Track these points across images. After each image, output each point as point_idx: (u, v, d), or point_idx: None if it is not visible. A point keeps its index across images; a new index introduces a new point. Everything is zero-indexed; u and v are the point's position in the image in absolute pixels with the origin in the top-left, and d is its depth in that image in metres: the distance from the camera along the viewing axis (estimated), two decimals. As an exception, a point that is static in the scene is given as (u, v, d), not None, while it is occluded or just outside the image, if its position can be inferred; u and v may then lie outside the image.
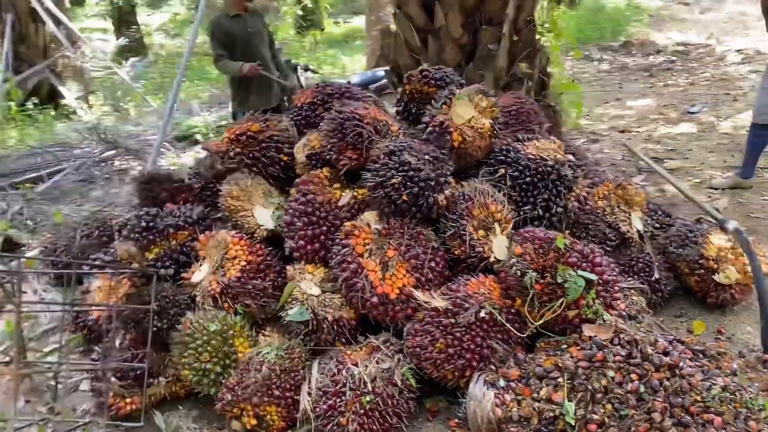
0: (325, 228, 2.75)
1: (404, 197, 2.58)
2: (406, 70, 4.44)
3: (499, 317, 2.38)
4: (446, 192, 2.65)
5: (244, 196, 2.94)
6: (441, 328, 2.40)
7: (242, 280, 2.75)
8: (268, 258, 2.87)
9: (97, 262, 3.10)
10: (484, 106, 2.86)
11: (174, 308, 2.72)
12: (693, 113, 7.39)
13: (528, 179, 2.80)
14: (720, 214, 3.30)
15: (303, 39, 16.08)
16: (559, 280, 2.30)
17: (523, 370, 2.27)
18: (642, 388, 2.11)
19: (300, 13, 16.92)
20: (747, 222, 3.96)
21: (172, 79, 10.66)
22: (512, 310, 2.45)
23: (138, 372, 2.65)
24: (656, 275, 2.98)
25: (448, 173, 2.67)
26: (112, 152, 6.57)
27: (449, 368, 2.38)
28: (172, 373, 2.72)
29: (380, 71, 7.33)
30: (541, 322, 2.32)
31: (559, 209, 2.84)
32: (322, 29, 18.19)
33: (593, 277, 2.31)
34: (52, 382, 2.73)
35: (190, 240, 3.02)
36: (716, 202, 4.35)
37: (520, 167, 2.82)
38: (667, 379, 2.14)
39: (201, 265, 2.86)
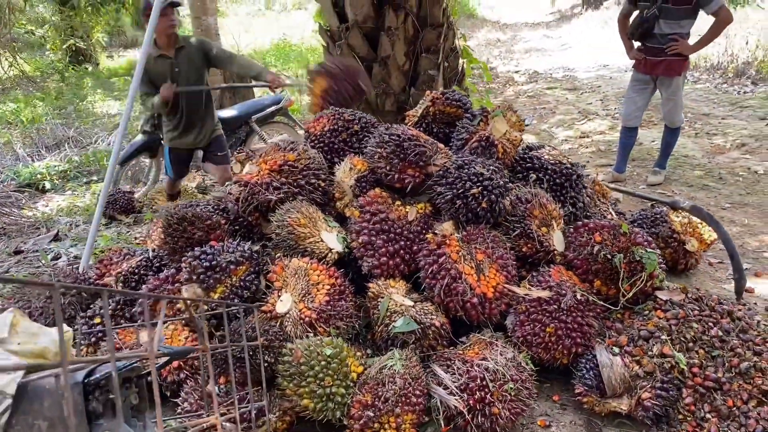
0: (402, 243, 2.92)
1: (483, 204, 2.86)
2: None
3: (591, 297, 2.77)
4: (510, 197, 2.98)
5: (309, 223, 2.98)
6: (547, 314, 2.72)
7: (331, 303, 2.80)
8: (342, 279, 2.94)
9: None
10: (514, 120, 3.25)
11: (278, 341, 2.68)
12: (527, 125, 8.53)
13: (558, 180, 3.24)
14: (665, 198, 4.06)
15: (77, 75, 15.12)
16: (637, 258, 2.76)
17: (628, 336, 2.69)
18: (720, 332, 2.64)
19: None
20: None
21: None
22: (593, 291, 2.85)
23: (255, 412, 2.56)
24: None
25: (508, 180, 3.01)
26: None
27: (559, 349, 2.70)
28: (281, 406, 2.67)
29: (265, 100, 7.33)
30: (630, 294, 2.76)
31: (581, 204, 3.32)
32: (97, 64, 17.27)
33: (656, 252, 2.81)
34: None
35: (249, 274, 2.96)
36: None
37: (549, 171, 3.25)
38: (731, 322, 2.71)
39: (280, 296, 2.84)
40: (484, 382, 2.53)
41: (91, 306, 3.57)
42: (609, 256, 2.75)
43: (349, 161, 3.20)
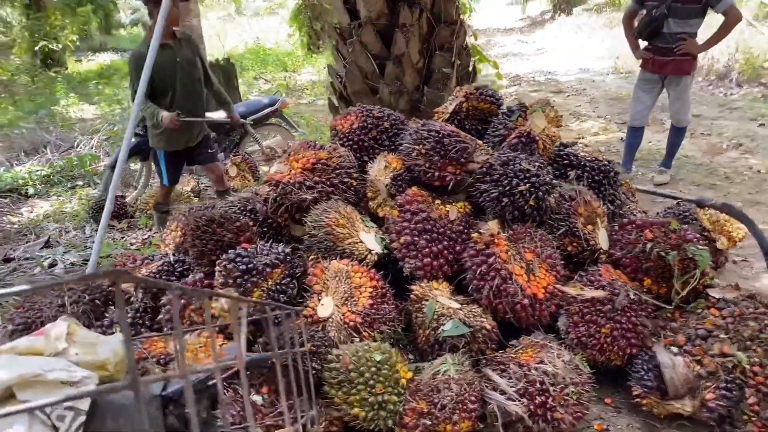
0: (446, 243, 2.81)
1: (531, 202, 2.77)
2: (358, 97, 4.62)
3: (643, 296, 2.69)
4: (555, 194, 2.89)
5: (347, 223, 2.85)
6: (602, 315, 2.63)
7: (374, 306, 2.68)
8: (383, 282, 2.82)
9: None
10: (552, 116, 3.16)
11: (324, 346, 2.54)
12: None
13: (596, 177, 3.16)
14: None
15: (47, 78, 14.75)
16: (689, 255, 2.69)
17: (686, 335, 2.61)
18: (777, 330, 2.58)
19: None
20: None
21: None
22: (643, 290, 2.78)
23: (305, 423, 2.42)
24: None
25: (552, 176, 2.92)
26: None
27: (614, 351, 2.61)
28: (328, 416, 2.53)
29: (264, 100, 7.16)
30: (685, 293, 2.68)
31: (618, 201, 3.25)
32: (66, 68, 16.92)
33: (707, 249, 2.75)
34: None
35: (284, 277, 2.82)
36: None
37: (587, 168, 3.17)
38: (786, 320, 2.65)
39: (320, 300, 2.70)
40: (544, 386, 2.42)
41: (106, 314, 3.38)
42: (663, 254, 2.68)
43: (383, 159, 3.08)
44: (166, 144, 4.79)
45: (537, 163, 2.84)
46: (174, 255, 3.27)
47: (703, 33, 5.19)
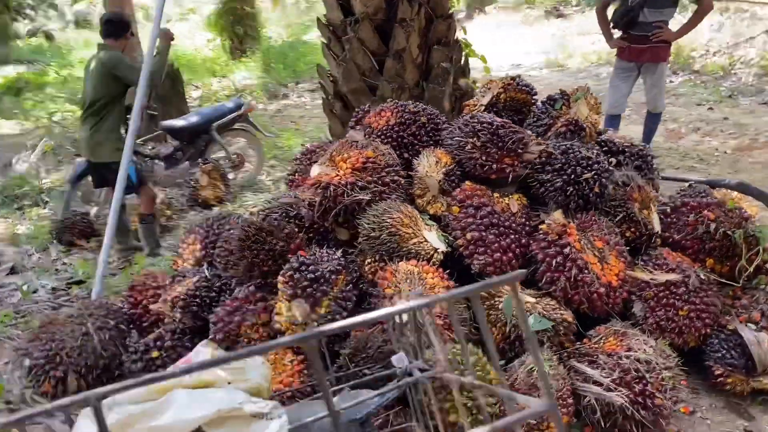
0: (513, 236, 2.73)
1: (596, 189, 2.74)
2: (355, 95, 4.49)
3: (711, 276, 2.72)
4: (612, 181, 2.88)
5: (411, 222, 2.72)
6: (677, 297, 2.63)
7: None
8: (451, 281, 2.71)
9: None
10: (592, 103, 3.15)
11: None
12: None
13: (636, 163, 3.17)
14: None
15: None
16: (751, 233, 2.74)
17: (759, 311, 2.65)
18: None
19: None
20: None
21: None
22: (706, 270, 2.80)
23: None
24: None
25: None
26: None
27: (691, 332, 2.62)
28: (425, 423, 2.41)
29: (228, 104, 6.87)
30: (751, 269, 2.72)
31: (656, 185, 3.28)
32: None
33: (766, 227, 2.81)
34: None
35: (347, 284, 2.67)
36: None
37: (627, 153, 3.18)
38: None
39: (394, 303, 2.57)
40: (640, 374, 2.39)
41: (128, 339, 3.12)
42: (729, 233, 2.71)
43: (432, 154, 2.97)
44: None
45: (594, 151, 2.82)
46: (208, 270, 3.04)
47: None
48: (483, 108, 3.27)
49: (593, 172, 2.71)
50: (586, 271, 2.59)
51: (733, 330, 2.62)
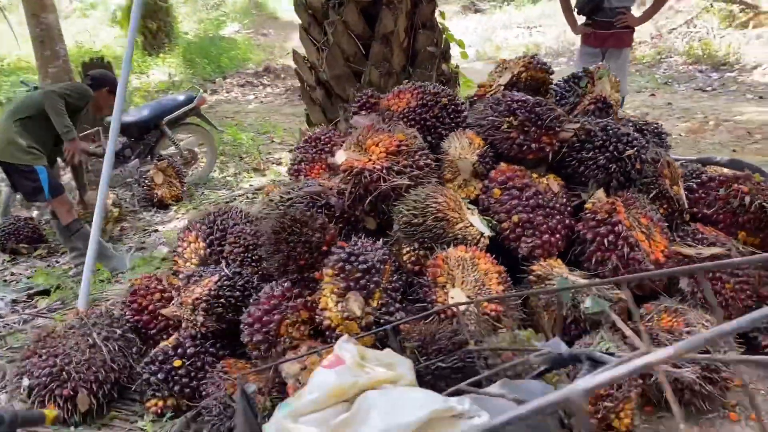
0: (558, 217, 2.66)
1: (637, 166, 2.70)
2: (339, 81, 4.31)
3: (748, 248, 2.74)
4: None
5: (456, 207, 2.59)
6: (723, 271, 2.63)
7: (506, 292, 2.47)
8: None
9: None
10: (614, 81, 3.12)
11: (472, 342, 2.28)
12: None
13: (654, 140, 3.17)
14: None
15: None
16: (781, 204, 2.78)
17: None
18: None
19: None
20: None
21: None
22: (740, 243, 2.83)
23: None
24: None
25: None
26: None
27: (737, 304, 2.63)
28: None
29: (179, 97, 6.46)
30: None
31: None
32: None
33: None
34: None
35: (393, 274, 2.50)
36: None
37: (645, 131, 3.17)
38: None
39: (447, 291, 2.43)
40: (705, 349, 2.37)
41: (136, 348, 2.83)
42: (765, 204, 2.74)
43: (463, 136, 2.85)
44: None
45: (630, 127, 2.78)
46: (228, 267, 2.79)
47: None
48: (502, 88, 3.18)
49: (635, 149, 2.67)
50: (637, 249, 2.54)
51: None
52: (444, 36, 4.76)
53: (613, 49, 5.52)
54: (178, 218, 5.62)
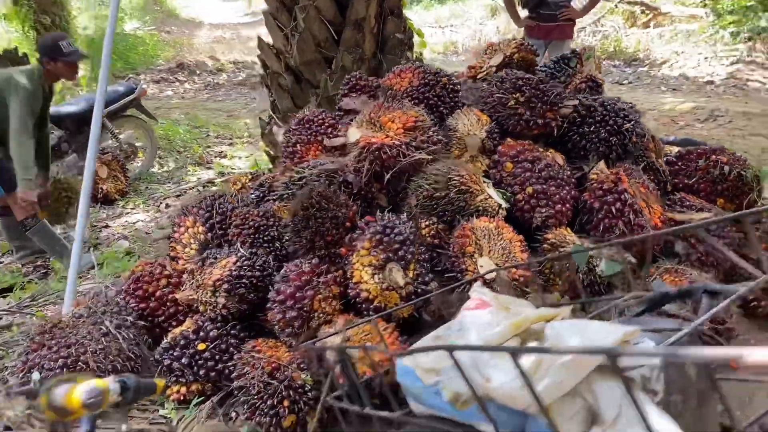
0: (567, 188, 2.80)
1: (634, 139, 2.89)
2: (310, 67, 4.32)
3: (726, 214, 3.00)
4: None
5: (476, 179, 2.67)
6: (713, 234, 2.87)
7: (529, 259, 2.58)
8: (517, 235, 2.72)
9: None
10: (597, 63, 3.30)
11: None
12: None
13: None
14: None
15: None
16: (755, 173, 3.07)
17: (774, 241, 2.97)
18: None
19: None
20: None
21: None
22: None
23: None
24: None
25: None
26: None
27: (725, 264, 2.88)
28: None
29: (119, 88, 6.15)
30: (760, 203, 3.04)
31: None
32: None
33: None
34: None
35: (420, 246, 2.55)
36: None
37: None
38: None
39: (476, 261, 2.51)
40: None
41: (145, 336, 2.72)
42: (742, 173, 3.00)
43: (471, 113, 2.94)
44: None
45: (624, 103, 2.97)
46: (242, 248, 2.73)
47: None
48: (494, 69, 3.29)
49: (632, 122, 2.85)
50: (640, 216, 2.72)
51: (756, 259, 2.90)
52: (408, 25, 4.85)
53: (556, 41, 5.81)
54: (127, 213, 5.39)
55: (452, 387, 1.23)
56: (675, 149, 3.43)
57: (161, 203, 5.52)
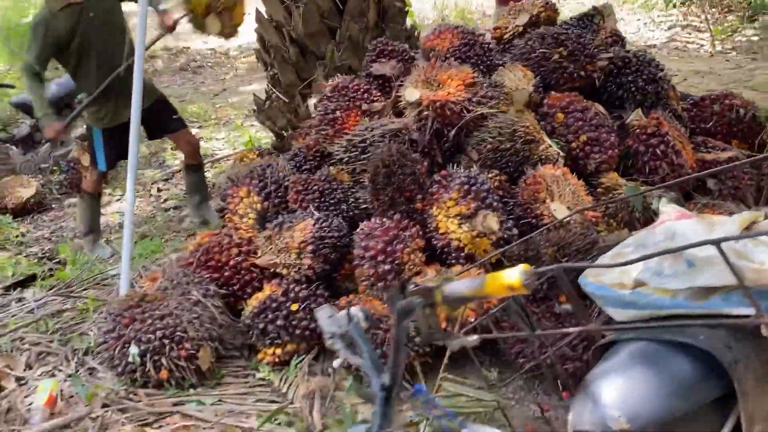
0: (614, 134, 2.98)
1: (666, 87, 3.11)
2: (314, 39, 4.34)
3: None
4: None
5: (537, 129, 2.82)
6: (739, 170, 3.14)
7: (595, 201, 2.77)
8: (572, 182, 2.88)
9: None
10: (614, 19, 3.50)
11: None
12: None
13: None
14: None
15: None
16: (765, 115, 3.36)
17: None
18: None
19: None
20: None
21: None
22: (736, 149, 3.37)
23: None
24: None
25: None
26: None
27: (749, 197, 3.16)
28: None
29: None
30: (772, 142, 3.34)
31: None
32: None
33: None
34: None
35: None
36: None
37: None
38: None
39: (551, 205, 2.66)
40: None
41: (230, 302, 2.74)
42: (756, 114, 3.28)
43: (516, 69, 3.07)
44: (106, 122, 3.78)
45: (650, 54, 3.19)
46: (317, 212, 2.78)
47: None
48: (521, 29, 3.44)
49: (663, 72, 3.07)
50: (681, 156, 2.95)
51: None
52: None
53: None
54: (117, 200, 5.23)
55: (671, 285, 1.38)
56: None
57: (150, 188, 5.38)
